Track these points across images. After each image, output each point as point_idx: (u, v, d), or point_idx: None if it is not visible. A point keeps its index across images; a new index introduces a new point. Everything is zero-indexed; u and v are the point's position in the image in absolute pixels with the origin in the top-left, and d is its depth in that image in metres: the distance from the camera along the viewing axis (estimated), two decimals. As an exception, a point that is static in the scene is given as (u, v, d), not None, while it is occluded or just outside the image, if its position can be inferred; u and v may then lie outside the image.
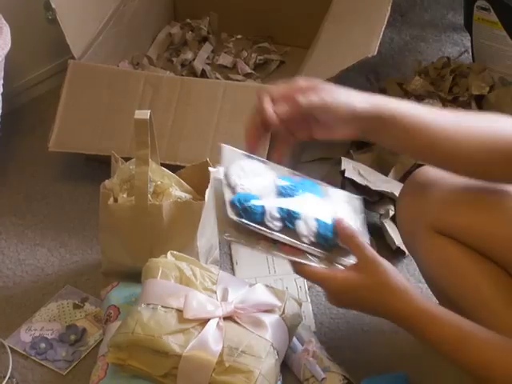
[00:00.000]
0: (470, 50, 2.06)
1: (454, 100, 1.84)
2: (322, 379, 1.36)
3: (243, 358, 1.28)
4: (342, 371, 1.38)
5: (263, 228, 1.13)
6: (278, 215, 1.14)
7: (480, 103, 1.83)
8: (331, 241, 1.16)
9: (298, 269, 1.17)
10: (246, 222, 1.12)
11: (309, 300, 1.55)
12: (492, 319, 1.19)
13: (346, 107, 1.13)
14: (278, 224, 1.14)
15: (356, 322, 1.52)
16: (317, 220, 1.16)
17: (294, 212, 1.15)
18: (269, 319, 1.34)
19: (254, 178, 1.17)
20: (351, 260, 1.17)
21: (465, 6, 2.01)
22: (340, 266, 1.17)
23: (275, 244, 1.15)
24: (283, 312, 1.37)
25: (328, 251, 1.17)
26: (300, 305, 1.42)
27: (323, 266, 1.17)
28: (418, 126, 1.15)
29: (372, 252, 1.15)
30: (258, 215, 1.13)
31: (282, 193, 1.17)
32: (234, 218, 1.12)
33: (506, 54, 1.91)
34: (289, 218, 1.14)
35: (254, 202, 1.13)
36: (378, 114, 1.14)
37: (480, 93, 1.83)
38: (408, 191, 1.33)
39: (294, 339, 1.41)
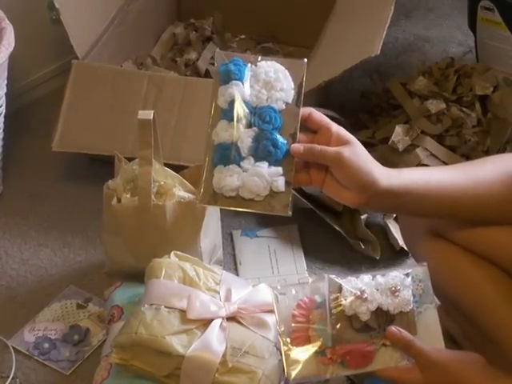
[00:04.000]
0: (473, 50, 2.06)
1: (457, 100, 1.84)
2: (325, 380, 1.36)
3: (246, 358, 1.28)
4: (345, 372, 1.37)
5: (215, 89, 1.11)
6: (227, 99, 1.11)
7: (484, 103, 1.83)
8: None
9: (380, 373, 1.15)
10: (217, 70, 1.11)
11: (312, 300, 1.55)
12: (494, 320, 1.19)
13: (365, 174, 1.10)
14: (221, 105, 1.12)
15: (359, 322, 1.52)
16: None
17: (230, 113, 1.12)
18: (272, 319, 1.34)
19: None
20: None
21: (469, 7, 2.01)
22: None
23: (343, 363, 1.15)
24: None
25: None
26: (303, 305, 1.42)
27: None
28: (436, 192, 1.15)
29: (437, 355, 1.13)
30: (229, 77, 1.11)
31: None
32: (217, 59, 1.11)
33: (510, 54, 1.91)
34: (228, 113, 1.11)
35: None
36: (402, 190, 1.13)
37: (484, 93, 1.83)
38: None
39: (298, 340, 1.41)
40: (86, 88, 1.76)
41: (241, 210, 1.11)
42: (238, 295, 1.36)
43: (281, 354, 1.16)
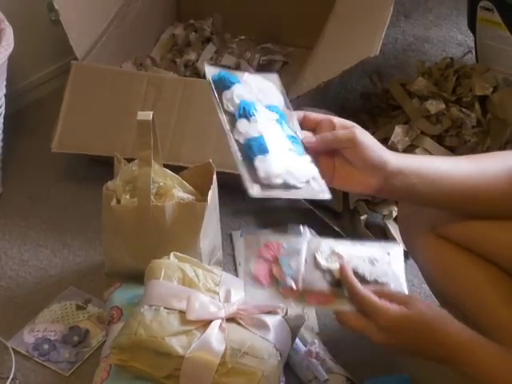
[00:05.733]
0: (473, 51, 2.06)
1: (457, 101, 1.84)
2: (325, 380, 1.36)
3: (246, 359, 1.28)
4: (344, 372, 1.38)
5: (216, 94, 1.11)
6: (236, 101, 1.11)
7: (483, 104, 1.83)
8: (250, 154, 1.09)
9: (337, 315, 1.12)
10: (210, 80, 1.11)
11: (312, 301, 1.55)
12: (493, 320, 1.19)
13: (377, 153, 1.11)
14: (231, 107, 1.11)
15: (359, 323, 1.52)
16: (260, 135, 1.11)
17: (249, 111, 1.11)
18: (271, 320, 1.34)
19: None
20: None
21: (468, 7, 2.00)
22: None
23: (303, 297, 1.13)
24: (286, 313, 1.37)
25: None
26: (303, 306, 1.42)
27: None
28: (443, 175, 1.16)
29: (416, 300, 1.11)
30: (226, 84, 1.11)
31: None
32: (208, 71, 1.12)
33: (510, 54, 1.91)
34: (243, 111, 1.10)
35: (231, 78, 1.12)
36: (412, 169, 1.13)
37: (483, 93, 1.83)
38: None
39: (297, 340, 1.41)
40: (86, 89, 1.76)
41: (289, 197, 1.10)
42: (237, 296, 1.36)
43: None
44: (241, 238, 1.68)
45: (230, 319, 1.33)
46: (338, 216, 1.68)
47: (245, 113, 1.11)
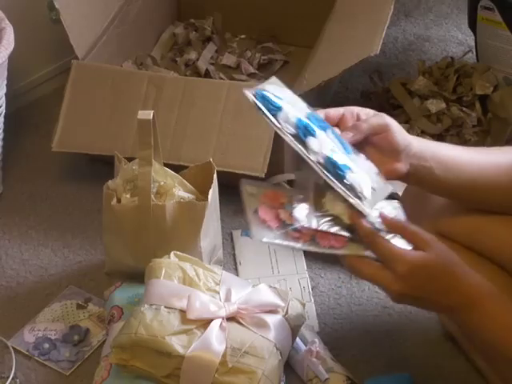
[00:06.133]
0: (474, 50, 2.05)
1: (457, 100, 1.84)
2: (326, 380, 1.36)
3: (246, 358, 1.28)
4: (345, 372, 1.37)
5: (274, 120, 1.07)
6: (294, 120, 1.09)
7: (484, 103, 1.83)
8: (339, 173, 1.08)
9: (350, 261, 1.09)
10: (259, 104, 1.07)
11: (312, 300, 1.55)
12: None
13: (402, 137, 1.14)
14: (291, 128, 1.08)
15: (359, 322, 1.52)
16: (332, 150, 1.09)
17: (311, 128, 1.09)
18: (272, 320, 1.34)
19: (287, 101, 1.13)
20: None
21: (469, 6, 2.00)
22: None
23: (314, 239, 1.09)
24: (286, 312, 1.37)
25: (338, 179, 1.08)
26: (303, 305, 1.42)
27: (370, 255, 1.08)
28: (457, 162, 1.18)
29: (431, 236, 1.09)
30: (274, 108, 1.08)
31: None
32: (250, 95, 1.08)
33: (510, 53, 1.91)
34: (304, 130, 1.08)
35: (274, 99, 1.09)
36: (431, 153, 1.16)
37: (484, 92, 1.83)
38: (411, 192, 1.33)
39: (298, 340, 1.41)
40: (86, 88, 1.76)
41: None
42: (237, 295, 1.37)
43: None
44: (241, 237, 1.68)
45: (231, 318, 1.33)
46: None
47: (308, 131, 1.09)
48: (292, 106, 1.12)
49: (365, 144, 1.13)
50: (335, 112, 1.15)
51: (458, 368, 1.42)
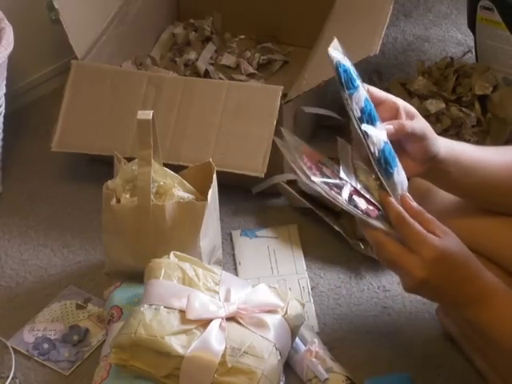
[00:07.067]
0: (473, 50, 2.05)
1: (457, 100, 1.84)
2: (325, 380, 1.36)
3: (246, 358, 1.28)
4: (344, 372, 1.37)
5: (346, 94, 1.08)
6: (362, 104, 1.08)
7: (483, 103, 1.83)
8: (388, 170, 1.09)
9: (378, 236, 1.07)
10: (342, 79, 1.09)
11: (312, 300, 1.55)
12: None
13: (435, 148, 1.13)
14: (358, 111, 1.08)
15: (359, 322, 1.52)
16: (386, 143, 1.09)
17: (374, 118, 1.09)
18: (271, 320, 1.34)
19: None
20: None
21: (468, 6, 2.00)
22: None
23: (351, 199, 1.07)
24: (286, 312, 1.37)
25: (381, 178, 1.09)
26: (303, 305, 1.42)
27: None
28: (476, 166, 1.18)
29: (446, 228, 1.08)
30: (353, 87, 1.09)
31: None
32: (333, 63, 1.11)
33: (510, 53, 1.91)
34: (367, 117, 1.08)
35: (354, 75, 1.10)
36: (454, 160, 1.16)
37: (483, 93, 1.83)
38: (412, 192, 1.33)
39: (297, 340, 1.41)
40: (86, 88, 1.76)
41: None
42: (237, 295, 1.37)
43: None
44: (241, 237, 1.68)
45: (230, 318, 1.33)
46: (338, 215, 1.67)
47: (371, 119, 1.09)
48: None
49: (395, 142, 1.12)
50: (377, 95, 1.13)
51: (457, 368, 1.42)
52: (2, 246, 1.69)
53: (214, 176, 1.51)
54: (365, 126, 1.07)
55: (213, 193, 1.50)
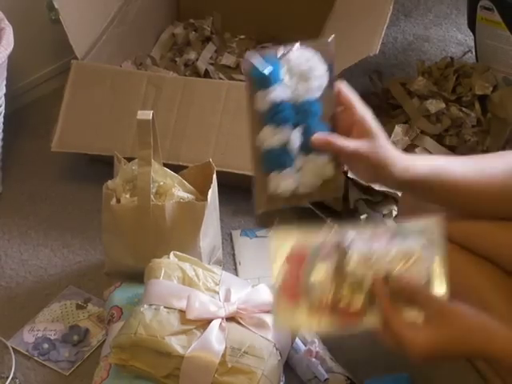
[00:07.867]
0: (473, 50, 2.05)
1: (457, 100, 1.84)
2: (325, 380, 1.36)
3: (246, 358, 1.28)
4: (344, 372, 1.37)
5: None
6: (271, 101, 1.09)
7: (483, 103, 1.83)
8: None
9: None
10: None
11: (312, 300, 1.55)
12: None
13: (385, 170, 1.09)
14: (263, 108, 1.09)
15: (359, 322, 1.52)
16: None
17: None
18: (271, 320, 1.34)
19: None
20: None
21: (468, 6, 2.00)
22: None
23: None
24: (286, 312, 1.36)
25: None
26: (303, 305, 1.42)
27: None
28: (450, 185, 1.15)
29: (440, 302, 1.05)
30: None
31: None
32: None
33: (510, 53, 1.91)
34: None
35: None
36: (438, 181, 1.13)
37: (483, 93, 1.83)
38: (408, 197, 1.33)
39: (297, 340, 1.41)
40: (86, 88, 1.76)
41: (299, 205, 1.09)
42: (237, 295, 1.37)
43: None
44: (240, 237, 1.68)
45: (230, 318, 1.33)
46: (338, 215, 1.67)
47: (272, 119, 1.08)
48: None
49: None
50: (345, 100, 1.10)
51: (457, 368, 1.42)
52: (2, 246, 1.69)
53: (214, 176, 1.51)
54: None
55: (213, 193, 1.50)
